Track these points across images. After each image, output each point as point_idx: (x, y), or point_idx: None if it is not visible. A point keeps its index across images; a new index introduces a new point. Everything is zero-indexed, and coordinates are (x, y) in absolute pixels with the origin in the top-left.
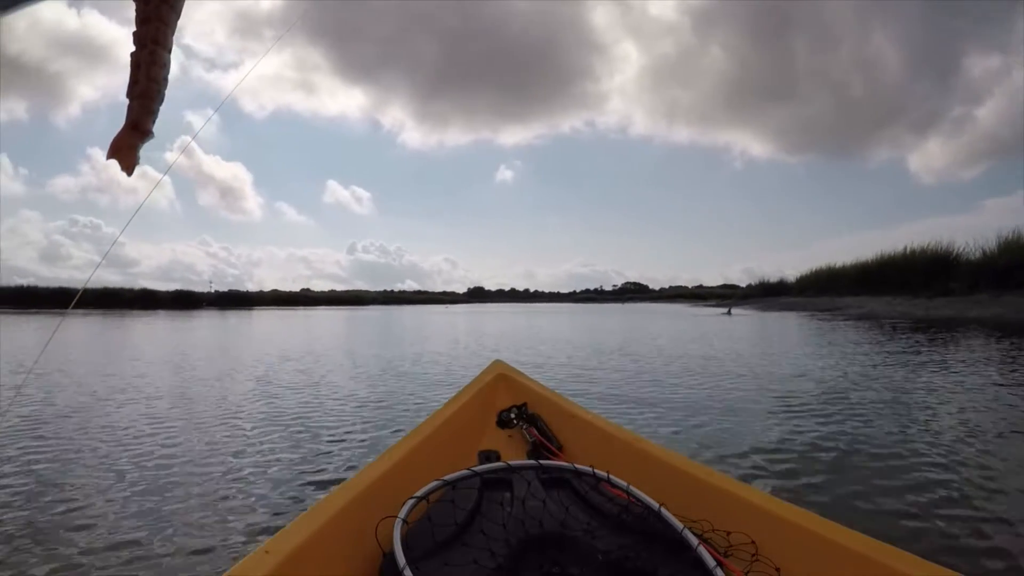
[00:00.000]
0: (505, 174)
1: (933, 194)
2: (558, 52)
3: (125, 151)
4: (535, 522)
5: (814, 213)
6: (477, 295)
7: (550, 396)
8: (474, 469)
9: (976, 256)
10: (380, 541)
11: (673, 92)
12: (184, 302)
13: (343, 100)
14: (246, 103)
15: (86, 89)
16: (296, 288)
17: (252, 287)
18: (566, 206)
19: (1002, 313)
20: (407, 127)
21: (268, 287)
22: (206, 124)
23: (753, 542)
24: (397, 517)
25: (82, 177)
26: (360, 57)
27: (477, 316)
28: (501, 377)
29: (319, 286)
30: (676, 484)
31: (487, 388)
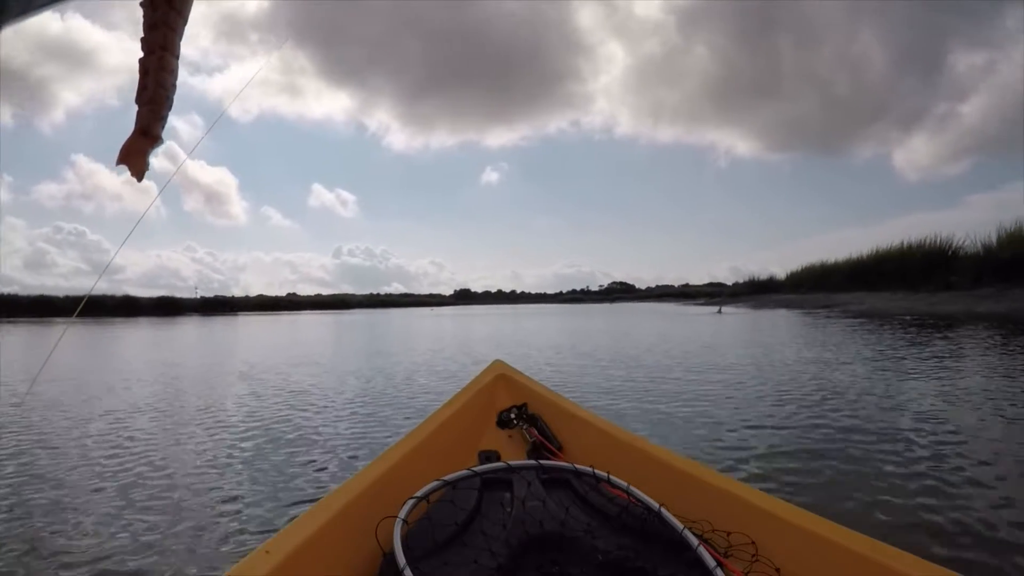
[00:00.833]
0: (491, 176)
1: (918, 190)
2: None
3: (135, 157)
4: (535, 522)
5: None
6: (464, 297)
7: (550, 396)
8: (474, 469)
9: (976, 250)
10: (380, 541)
11: (658, 92)
12: (167, 309)
13: (328, 103)
14: (231, 107)
15: (70, 95)
16: (282, 293)
17: (238, 292)
18: (552, 207)
19: (1017, 308)
20: (392, 129)
21: (254, 292)
22: (204, 137)
23: (753, 542)
24: (397, 517)
25: (67, 184)
26: (346, 59)
27: (463, 320)
28: (501, 377)
29: (305, 290)
30: (676, 484)
31: (487, 388)
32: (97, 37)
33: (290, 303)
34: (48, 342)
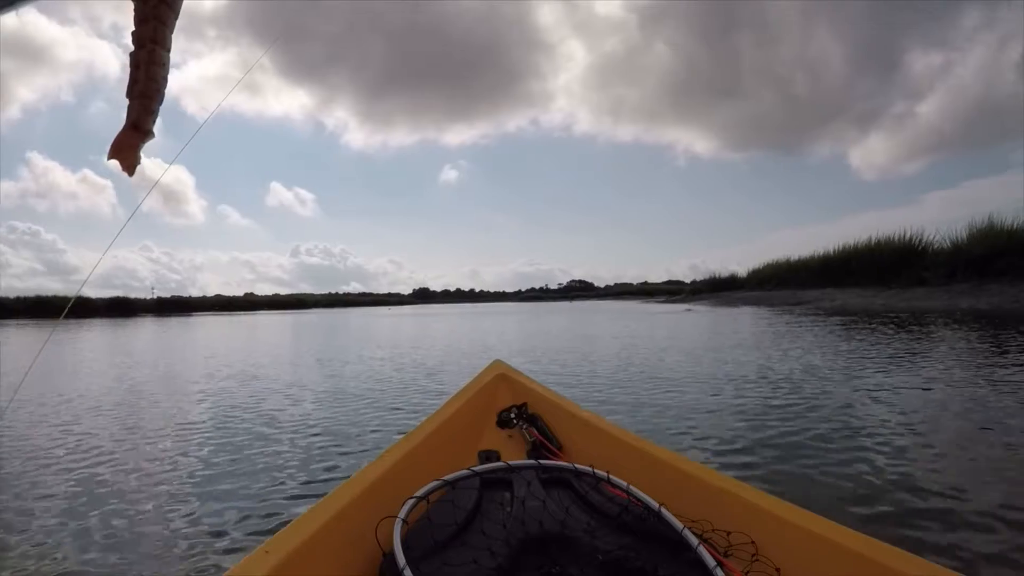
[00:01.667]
0: (450, 174)
1: (874, 188)
2: (504, 51)
3: (126, 151)
4: (535, 522)
5: (757, 209)
6: (423, 296)
7: (550, 396)
8: (474, 469)
9: (945, 246)
10: (380, 541)
11: (618, 90)
12: (120, 309)
13: (287, 101)
14: (188, 104)
15: (25, 91)
16: (240, 292)
17: (195, 292)
18: (511, 205)
19: (998, 303)
20: (350, 127)
21: (212, 292)
22: (185, 146)
23: (753, 542)
24: (397, 517)
25: (21, 182)
26: (305, 56)
27: (420, 320)
28: (501, 377)
29: (263, 290)
30: (676, 484)
31: (487, 388)
32: (53, 32)
33: (247, 303)
34: None
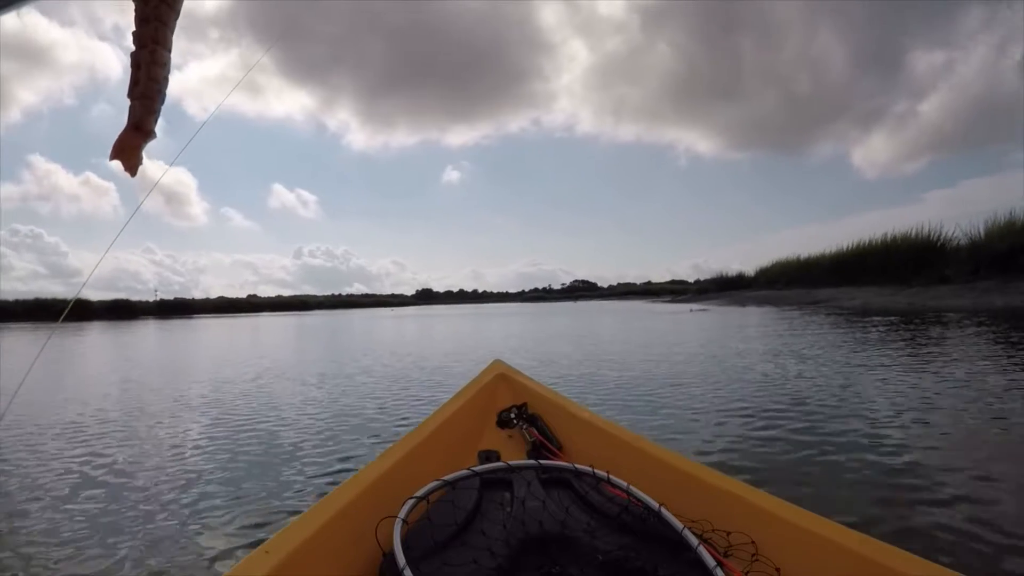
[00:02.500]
0: (452, 175)
1: (876, 188)
2: (506, 51)
3: (128, 152)
4: (535, 522)
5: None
6: (426, 297)
7: (550, 396)
8: (474, 469)
9: (965, 242)
10: (380, 541)
11: (620, 90)
12: (121, 312)
13: (289, 102)
14: (189, 105)
15: (27, 94)
16: (243, 294)
17: (199, 295)
18: (513, 206)
19: None
20: (352, 128)
21: (214, 294)
22: (186, 146)
23: (753, 542)
24: (397, 517)
25: (23, 185)
26: (306, 57)
27: (423, 320)
28: (501, 377)
29: (266, 292)
30: (676, 484)
31: (487, 388)
32: (54, 34)
33: (250, 305)
34: None
